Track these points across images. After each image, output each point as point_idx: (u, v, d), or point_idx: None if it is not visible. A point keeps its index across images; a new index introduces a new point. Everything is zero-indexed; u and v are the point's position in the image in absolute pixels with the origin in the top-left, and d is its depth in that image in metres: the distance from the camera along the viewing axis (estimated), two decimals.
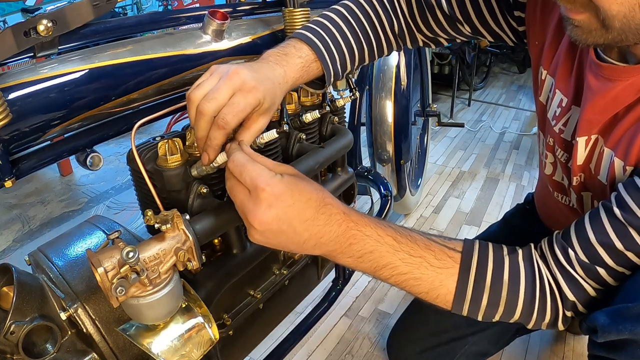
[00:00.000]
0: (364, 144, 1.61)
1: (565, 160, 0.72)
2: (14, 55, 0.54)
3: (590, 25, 0.51)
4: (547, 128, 0.76)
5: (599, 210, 0.55)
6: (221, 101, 0.54)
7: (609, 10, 0.47)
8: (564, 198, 0.79)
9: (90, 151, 0.64)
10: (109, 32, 0.66)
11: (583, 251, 0.55)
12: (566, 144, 0.71)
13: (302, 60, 0.68)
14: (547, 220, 0.92)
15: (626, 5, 0.46)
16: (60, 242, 0.64)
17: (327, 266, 0.99)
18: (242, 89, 0.56)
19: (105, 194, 2.26)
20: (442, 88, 3.48)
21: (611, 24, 0.48)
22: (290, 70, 0.66)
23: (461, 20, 0.76)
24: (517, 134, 2.81)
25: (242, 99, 0.55)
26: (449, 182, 2.27)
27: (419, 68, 1.82)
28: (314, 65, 0.71)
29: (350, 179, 0.94)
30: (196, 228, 0.58)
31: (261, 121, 0.60)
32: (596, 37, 0.51)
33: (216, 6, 0.85)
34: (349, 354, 1.30)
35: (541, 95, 0.77)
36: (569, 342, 1.33)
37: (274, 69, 0.63)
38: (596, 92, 0.60)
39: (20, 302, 0.52)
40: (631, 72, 0.55)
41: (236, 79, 0.55)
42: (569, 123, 0.70)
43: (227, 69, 0.57)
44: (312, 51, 0.70)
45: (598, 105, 0.61)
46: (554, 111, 0.73)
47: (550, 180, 0.80)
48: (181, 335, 0.55)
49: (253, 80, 0.57)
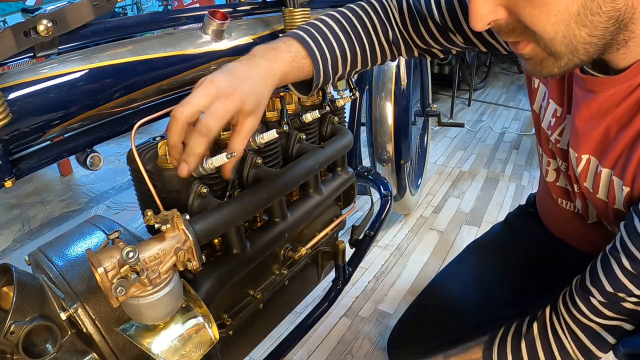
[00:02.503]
0: (364, 144, 1.61)
1: (565, 169, 0.73)
2: (14, 55, 0.54)
3: (538, 55, 0.50)
4: (542, 137, 0.77)
5: (609, 260, 0.56)
6: (195, 106, 0.53)
7: (545, 33, 0.46)
8: (569, 204, 0.79)
9: (90, 151, 0.64)
10: (109, 32, 0.66)
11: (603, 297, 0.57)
12: (564, 153, 0.71)
13: (292, 54, 0.66)
14: (552, 226, 0.91)
15: (561, 25, 0.45)
16: (60, 242, 0.64)
17: (327, 266, 0.99)
18: (218, 96, 0.55)
19: (105, 194, 2.26)
20: (442, 88, 3.48)
21: (556, 49, 0.47)
22: (277, 63, 0.63)
23: (453, 30, 0.74)
24: (517, 134, 2.81)
25: (221, 105, 0.55)
26: (449, 182, 2.27)
27: (419, 68, 1.82)
28: (304, 62, 0.68)
29: (350, 179, 0.94)
30: (196, 228, 0.58)
31: (251, 122, 0.58)
32: (549, 66, 0.50)
33: (216, 6, 0.85)
34: (349, 354, 1.30)
35: (534, 104, 0.77)
36: None
37: (258, 65, 0.61)
38: (581, 102, 0.60)
39: (20, 302, 0.52)
40: (611, 82, 0.55)
41: (211, 87, 0.55)
42: (564, 133, 0.70)
43: (205, 79, 0.56)
44: (302, 47, 0.68)
45: (583, 117, 0.60)
46: (548, 121, 0.73)
47: (553, 186, 0.80)
48: (181, 335, 0.55)
49: (228, 86, 0.55)
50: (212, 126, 0.54)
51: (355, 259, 1.09)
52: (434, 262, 1.68)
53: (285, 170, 0.74)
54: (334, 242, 0.95)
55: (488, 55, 3.74)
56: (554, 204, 0.83)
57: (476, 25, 0.48)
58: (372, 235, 1.13)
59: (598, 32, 0.45)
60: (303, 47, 0.68)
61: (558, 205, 0.81)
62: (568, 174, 0.71)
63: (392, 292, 1.54)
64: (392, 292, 1.54)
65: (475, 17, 0.47)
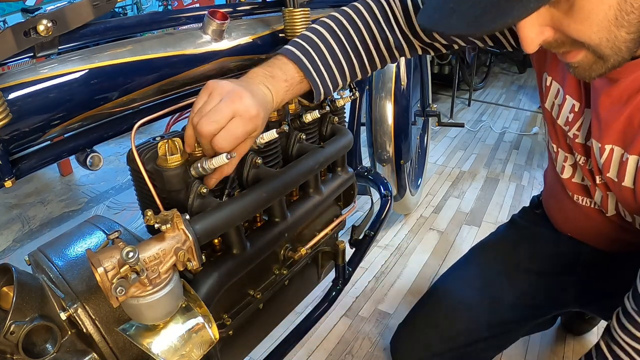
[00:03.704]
0: (364, 144, 1.61)
1: (584, 162, 0.73)
2: (14, 55, 0.54)
3: (588, 61, 0.53)
4: (558, 134, 0.76)
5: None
6: (222, 124, 0.54)
7: (591, 42, 0.49)
8: (584, 200, 0.79)
9: (90, 151, 0.64)
10: (109, 32, 0.66)
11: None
12: (582, 148, 0.71)
13: (288, 83, 0.67)
14: (563, 225, 0.90)
15: (603, 31, 0.48)
16: (60, 242, 0.64)
17: (327, 266, 0.99)
18: (242, 115, 0.55)
19: (105, 194, 2.27)
20: (442, 88, 3.48)
21: (603, 53, 0.50)
22: (276, 93, 0.64)
23: None
24: (517, 134, 2.81)
25: (242, 125, 0.55)
26: (449, 182, 2.27)
27: (419, 68, 1.82)
28: (301, 85, 0.69)
29: (350, 179, 0.94)
30: (196, 228, 0.58)
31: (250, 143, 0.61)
32: (597, 69, 0.53)
33: (216, 6, 0.85)
34: (349, 354, 1.30)
35: (546, 101, 0.77)
36: (569, 342, 1.33)
37: (264, 93, 0.62)
38: (601, 91, 0.61)
39: (20, 302, 0.52)
40: (630, 68, 0.56)
41: (239, 104, 0.55)
42: (582, 127, 0.70)
43: (228, 88, 0.56)
44: (299, 71, 0.68)
45: (604, 106, 0.61)
46: (565, 117, 0.73)
47: (569, 183, 0.79)
48: (181, 335, 0.55)
49: (255, 108, 0.56)
50: (226, 147, 0.55)
51: (355, 259, 1.09)
52: (434, 262, 1.68)
53: (285, 170, 0.74)
54: (334, 242, 0.95)
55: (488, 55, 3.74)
56: (568, 201, 0.82)
57: (529, 48, 0.51)
58: (372, 235, 1.13)
59: (634, 28, 0.48)
60: (300, 71, 0.68)
61: (574, 202, 0.81)
62: (588, 167, 0.71)
63: (392, 292, 1.54)
64: (392, 292, 1.54)
65: (527, 42, 0.51)
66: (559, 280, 0.92)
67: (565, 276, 0.92)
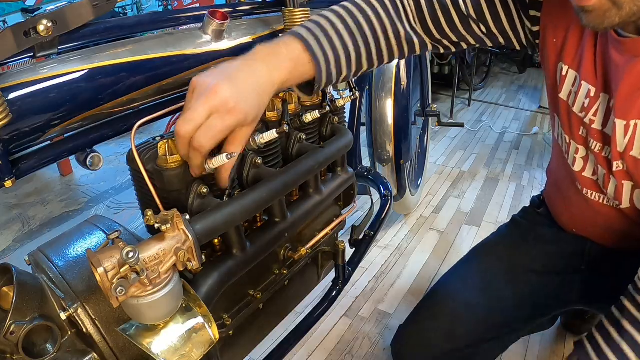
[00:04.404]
0: (364, 144, 1.61)
1: (599, 150, 0.71)
2: (14, 55, 0.54)
3: (603, 6, 0.52)
4: (573, 124, 0.75)
5: None
6: (199, 122, 0.53)
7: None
8: (595, 195, 0.78)
9: (90, 151, 0.64)
10: (109, 32, 0.66)
11: None
12: (599, 134, 0.70)
13: (293, 62, 0.64)
14: (569, 222, 0.90)
15: None
16: (60, 242, 0.64)
17: (327, 266, 0.99)
18: (219, 110, 0.53)
19: (105, 194, 2.27)
20: (442, 88, 3.48)
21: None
22: (277, 72, 0.62)
23: (476, 19, 0.74)
24: (517, 134, 2.81)
25: (220, 121, 0.53)
26: (449, 182, 2.27)
27: (419, 68, 1.82)
28: (306, 67, 0.66)
29: (350, 179, 0.94)
30: (196, 228, 0.58)
31: (247, 130, 0.58)
32: (611, 17, 0.53)
33: (216, 6, 0.85)
34: (349, 354, 1.30)
35: (562, 91, 0.75)
36: (569, 342, 1.34)
37: (259, 71, 0.60)
38: (623, 68, 0.61)
39: (20, 302, 0.52)
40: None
41: (213, 99, 0.53)
42: (599, 112, 0.69)
43: (206, 85, 0.54)
44: (305, 51, 0.66)
45: (628, 83, 0.61)
46: (581, 103, 0.72)
47: (580, 177, 0.78)
48: (181, 335, 0.55)
49: (233, 99, 0.54)
50: (206, 144, 0.54)
51: (355, 259, 1.09)
52: (434, 262, 1.69)
53: (285, 170, 0.74)
54: (334, 242, 0.95)
55: (488, 55, 3.74)
56: (577, 197, 0.81)
57: None
58: (372, 235, 1.13)
59: None
60: (306, 51, 0.66)
61: (583, 198, 0.80)
62: (604, 155, 0.70)
63: (392, 292, 1.54)
64: (392, 292, 1.54)
65: None
66: (563, 278, 0.92)
67: (569, 275, 0.91)
